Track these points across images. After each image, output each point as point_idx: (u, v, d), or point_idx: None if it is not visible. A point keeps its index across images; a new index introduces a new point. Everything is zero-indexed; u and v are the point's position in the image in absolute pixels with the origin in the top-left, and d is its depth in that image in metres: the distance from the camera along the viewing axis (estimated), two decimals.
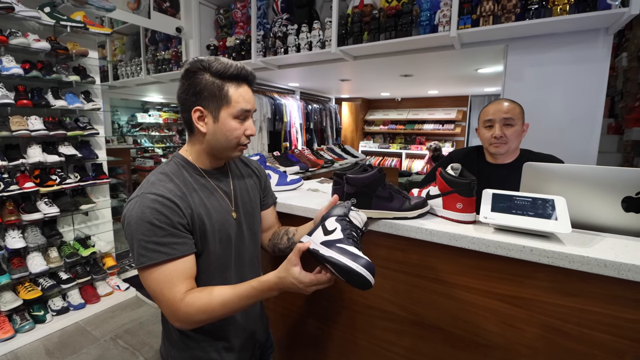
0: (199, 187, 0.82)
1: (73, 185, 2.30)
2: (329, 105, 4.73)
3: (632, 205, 0.79)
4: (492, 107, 1.32)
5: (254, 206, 0.95)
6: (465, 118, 5.80)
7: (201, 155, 0.85)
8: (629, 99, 3.28)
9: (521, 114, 1.30)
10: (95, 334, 2.20)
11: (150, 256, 0.71)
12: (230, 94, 0.79)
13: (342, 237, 0.69)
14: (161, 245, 0.71)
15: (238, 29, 2.96)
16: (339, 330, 1.10)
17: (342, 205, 0.77)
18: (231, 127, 0.80)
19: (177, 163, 0.84)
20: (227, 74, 0.79)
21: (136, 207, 0.72)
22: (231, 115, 0.80)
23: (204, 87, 0.78)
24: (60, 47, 2.25)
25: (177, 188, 0.77)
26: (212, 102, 0.79)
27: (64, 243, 2.44)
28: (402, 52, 2.33)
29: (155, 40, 3.54)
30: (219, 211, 0.83)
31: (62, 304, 2.35)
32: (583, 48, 1.82)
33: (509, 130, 1.27)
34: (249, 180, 0.97)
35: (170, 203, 0.73)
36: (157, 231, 0.71)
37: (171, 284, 0.72)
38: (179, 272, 0.73)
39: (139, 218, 0.71)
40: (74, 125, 2.36)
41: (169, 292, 0.71)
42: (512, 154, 1.35)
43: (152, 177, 0.79)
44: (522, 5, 1.77)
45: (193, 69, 0.79)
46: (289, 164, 2.95)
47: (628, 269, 0.63)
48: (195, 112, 0.79)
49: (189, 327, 0.75)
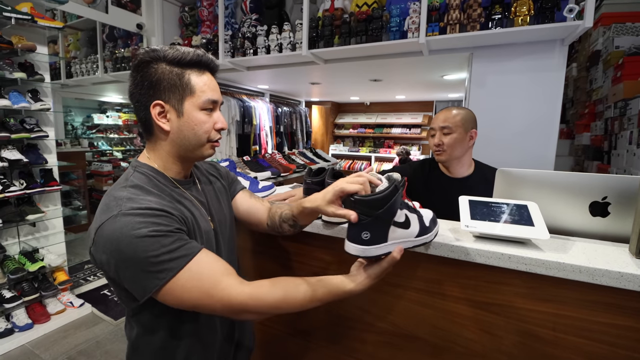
0: (177, 197, 0.73)
1: (18, 193, 2.08)
2: (299, 108, 4.69)
3: (598, 209, 0.82)
4: (436, 116, 1.38)
5: (225, 212, 0.87)
6: (430, 122, 5.99)
7: (168, 162, 0.74)
8: (579, 107, 3.53)
9: (463, 122, 1.32)
10: (44, 357, 1.99)
11: (171, 266, 0.60)
12: (193, 82, 0.70)
13: (409, 218, 0.65)
14: (174, 250, 0.61)
15: (205, 28, 2.85)
16: (317, 344, 1.06)
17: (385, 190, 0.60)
18: (199, 120, 0.70)
19: (144, 173, 0.72)
20: (185, 61, 0.69)
21: (118, 227, 0.59)
22: (197, 106, 0.70)
23: (160, 78, 0.68)
24: (4, 41, 2.04)
25: (159, 199, 0.67)
26: (174, 94, 0.69)
27: (7, 257, 2.20)
28: (372, 57, 2.35)
29: (113, 36, 3.33)
30: (201, 222, 0.75)
31: (6, 325, 2.11)
32: (541, 58, 1.92)
33: (447, 138, 1.32)
34: (217, 185, 0.89)
35: (161, 212, 0.63)
36: (162, 240, 0.60)
37: (215, 285, 0.61)
38: (214, 270, 0.63)
39: (134, 237, 0.58)
40: (19, 126, 2.14)
41: (220, 293, 0.61)
42: (461, 165, 1.39)
43: (121, 193, 0.65)
44: (487, 15, 1.84)
45: (146, 59, 0.68)
46: (260, 169, 2.88)
47: (602, 274, 0.64)
48: (154, 108, 0.69)
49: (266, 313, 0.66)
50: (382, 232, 0.61)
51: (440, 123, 1.33)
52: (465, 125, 1.32)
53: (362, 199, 0.59)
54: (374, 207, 0.58)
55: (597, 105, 3.09)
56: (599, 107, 3.03)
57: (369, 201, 0.58)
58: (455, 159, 1.36)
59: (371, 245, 0.60)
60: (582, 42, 3.52)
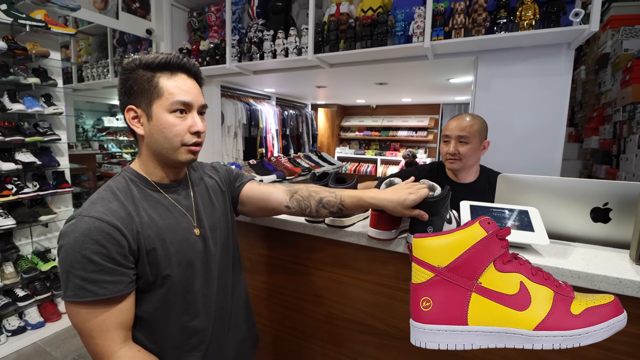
0: (151, 204, 0.73)
1: (31, 195, 2.14)
2: (305, 111, 4.72)
3: (599, 215, 0.82)
4: (451, 123, 1.36)
5: (219, 215, 0.86)
6: (437, 125, 5.97)
7: (150, 166, 0.76)
8: (588, 110, 3.50)
9: (479, 132, 1.32)
10: (55, 354, 2.04)
11: (76, 293, 0.62)
12: (161, 85, 0.70)
13: (451, 215, 0.79)
14: (89, 282, 0.62)
15: (212, 33, 2.90)
16: (318, 345, 1.07)
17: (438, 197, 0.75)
18: (167, 123, 0.70)
19: (126, 177, 0.74)
20: (155, 64, 0.70)
21: (69, 232, 0.63)
22: (165, 109, 0.70)
23: (133, 83, 0.70)
24: (18, 47, 2.10)
25: (121, 208, 0.68)
26: (143, 98, 0.70)
27: (20, 257, 2.26)
28: (377, 61, 2.37)
29: (123, 41, 3.40)
30: (176, 231, 0.74)
31: (19, 323, 2.17)
32: (547, 61, 1.92)
33: (463, 147, 1.31)
34: (212, 185, 0.88)
35: (109, 228, 0.64)
36: (87, 265, 0.62)
37: (102, 330, 0.63)
38: (112, 318, 0.64)
39: (70, 247, 0.62)
40: (32, 130, 2.21)
41: (100, 340, 0.63)
42: (470, 172, 1.39)
43: (95, 195, 0.70)
44: (492, 19, 1.84)
45: (128, 68, 0.71)
46: (265, 172, 2.90)
47: (600, 280, 0.65)
48: (128, 112, 0.72)
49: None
50: (440, 226, 0.74)
51: (457, 132, 1.31)
52: (481, 135, 1.33)
53: (434, 200, 0.72)
54: (438, 206, 0.72)
55: (605, 109, 3.06)
56: (608, 110, 3.00)
57: (436, 202, 0.72)
58: (467, 168, 1.36)
59: None
60: (591, 44, 3.49)
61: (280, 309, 1.15)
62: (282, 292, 1.13)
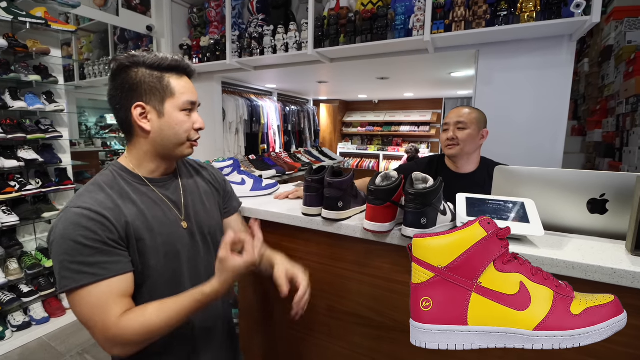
0: (139, 196, 0.75)
1: (34, 191, 2.15)
2: (307, 107, 4.71)
3: (596, 207, 0.82)
4: (450, 113, 1.43)
5: (210, 214, 0.88)
6: (439, 120, 5.94)
7: (144, 161, 0.78)
8: (591, 103, 3.46)
9: (477, 120, 1.37)
10: (60, 349, 2.07)
11: (74, 278, 0.62)
12: (172, 85, 0.75)
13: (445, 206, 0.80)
14: (88, 265, 0.63)
15: (212, 29, 2.89)
16: (316, 338, 1.08)
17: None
18: (179, 120, 0.76)
19: (113, 171, 0.76)
20: (164, 65, 0.74)
21: (59, 223, 0.64)
22: (177, 107, 0.75)
23: (141, 81, 0.73)
24: (19, 45, 2.11)
25: (108, 199, 0.70)
26: (154, 96, 0.73)
27: (24, 254, 2.29)
28: (378, 55, 2.35)
29: (125, 38, 3.40)
30: (164, 223, 0.76)
31: (24, 318, 2.20)
32: (549, 54, 1.90)
33: (462, 133, 1.36)
34: (204, 186, 0.90)
35: (97, 216, 0.65)
36: (82, 250, 0.63)
37: (104, 307, 0.63)
38: (113, 293, 0.65)
39: (62, 236, 0.63)
40: (34, 127, 2.22)
41: (101, 316, 0.63)
42: (469, 161, 1.42)
43: (82, 188, 0.71)
44: (492, 12, 1.82)
45: (125, 64, 0.73)
46: (265, 167, 2.91)
47: (595, 271, 0.65)
48: (135, 109, 0.73)
49: (128, 352, 0.66)
50: (434, 217, 0.75)
51: (455, 118, 1.38)
52: (479, 123, 1.37)
53: (424, 192, 0.72)
54: (431, 197, 0.72)
55: (609, 102, 3.03)
56: (611, 103, 2.97)
57: (428, 193, 0.72)
58: (466, 155, 1.40)
59: (427, 228, 0.74)
60: (594, 37, 3.45)
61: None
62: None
